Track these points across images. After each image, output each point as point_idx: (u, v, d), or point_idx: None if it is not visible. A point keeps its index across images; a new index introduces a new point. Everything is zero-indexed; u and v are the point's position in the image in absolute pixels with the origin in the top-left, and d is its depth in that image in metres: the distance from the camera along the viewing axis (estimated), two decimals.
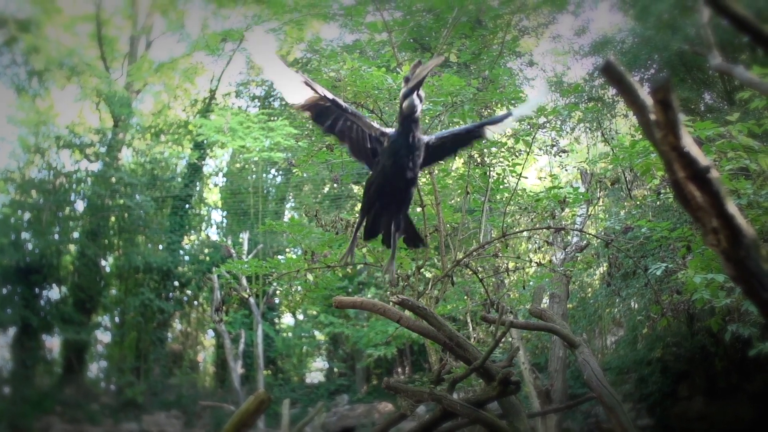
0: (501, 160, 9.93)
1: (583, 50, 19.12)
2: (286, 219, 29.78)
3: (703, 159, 2.81)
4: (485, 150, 10.22)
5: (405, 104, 4.39)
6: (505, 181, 10.66)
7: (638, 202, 12.78)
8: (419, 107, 4.46)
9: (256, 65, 32.20)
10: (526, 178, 10.29)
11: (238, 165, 32.96)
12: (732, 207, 2.82)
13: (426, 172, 9.30)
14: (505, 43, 11.80)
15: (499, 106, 10.03)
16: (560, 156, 10.78)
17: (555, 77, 22.26)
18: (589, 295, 19.59)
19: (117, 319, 31.63)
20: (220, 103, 32.58)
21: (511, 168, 9.81)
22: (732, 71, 7.16)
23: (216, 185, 34.78)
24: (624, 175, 10.14)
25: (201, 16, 33.96)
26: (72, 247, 30.84)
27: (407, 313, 6.34)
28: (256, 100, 33.14)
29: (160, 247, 31.29)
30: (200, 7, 32.13)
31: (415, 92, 4.39)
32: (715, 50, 7.78)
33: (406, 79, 4.43)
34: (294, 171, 22.64)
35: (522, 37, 19.87)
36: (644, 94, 2.87)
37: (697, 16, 9.58)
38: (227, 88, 34.07)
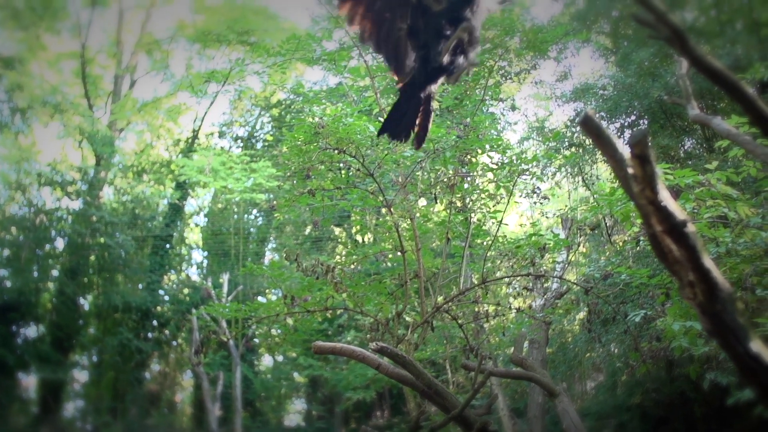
0: (481, 206, 9.97)
1: (565, 96, 19.25)
2: (267, 260, 29.69)
3: (680, 213, 2.83)
4: (466, 196, 10.26)
5: None
6: (486, 225, 10.68)
7: (618, 248, 12.83)
8: None
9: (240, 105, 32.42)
10: (507, 224, 10.33)
11: (219, 205, 32.91)
12: (708, 261, 2.84)
13: (407, 217, 9.32)
14: (488, 88, 11.87)
15: (479, 152, 10.08)
16: (541, 203, 10.82)
17: (537, 122, 22.41)
18: (569, 340, 19.58)
19: (95, 359, 31.32)
20: (203, 143, 32.60)
21: (492, 214, 9.84)
22: (710, 122, 7.27)
23: (197, 225, 34.69)
24: (604, 220, 10.19)
25: (185, 56, 34.14)
26: (51, 285, 30.61)
27: (386, 360, 6.31)
28: (239, 141, 33.18)
29: (140, 286, 31.08)
30: (185, 48, 32.32)
31: None
32: (693, 101, 7.89)
33: None
34: (275, 215, 22.66)
35: (504, 81, 20.01)
36: (622, 147, 2.89)
37: (676, 65, 9.71)
38: (210, 128, 34.17)
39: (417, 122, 4.34)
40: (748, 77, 8.94)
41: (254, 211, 31.21)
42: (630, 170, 2.81)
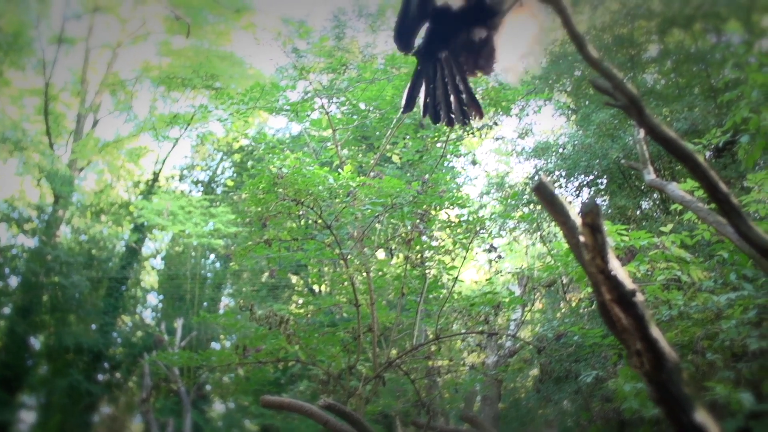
0: (438, 262, 10.00)
1: (526, 152, 19.40)
2: (222, 305, 29.46)
3: (629, 283, 2.86)
4: (423, 251, 10.29)
5: None
6: (441, 281, 10.70)
7: (572, 307, 12.89)
8: None
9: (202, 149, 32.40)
10: (463, 281, 10.38)
11: (177, 248, 32.67)
12: (656, 331, 2.87)
13: (363, 270, 9.32)
14: (449, 142, 11.94)
15: (438, 209, 10.13)
16: (496, 261, 10.87)
17: (497, 177, 22.54)
18: (522, 396, 19.55)
19: (42, 400, 30.71)
20: (163, 186, 32.44)
21: (448, 270, 9.88)
22: (665, 188, 7.38)
23: (153, 268, 34.39)
24: (560, 279, 10.25)
25: (149, 97, 34.05)
26: (1, 323, 30.09)
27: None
28: (200, 185, 33.09)
29: (93, 326, 30.63)
30: (149, 89, 32.26)
31: None
32: (650, 166, 8.01)
33: None
34: (231, 263, 22.55)
35: (466, 136, 20.17)
36: (574, 215, 2.93)
37: (635, 129, 9.87)
38: (171, 170, 34.03)
39: (461, 90, 3.99)
40: (704, 142, 9.09)
41: (212, 256, 31.04)
42: (581, 238, 2.84)
